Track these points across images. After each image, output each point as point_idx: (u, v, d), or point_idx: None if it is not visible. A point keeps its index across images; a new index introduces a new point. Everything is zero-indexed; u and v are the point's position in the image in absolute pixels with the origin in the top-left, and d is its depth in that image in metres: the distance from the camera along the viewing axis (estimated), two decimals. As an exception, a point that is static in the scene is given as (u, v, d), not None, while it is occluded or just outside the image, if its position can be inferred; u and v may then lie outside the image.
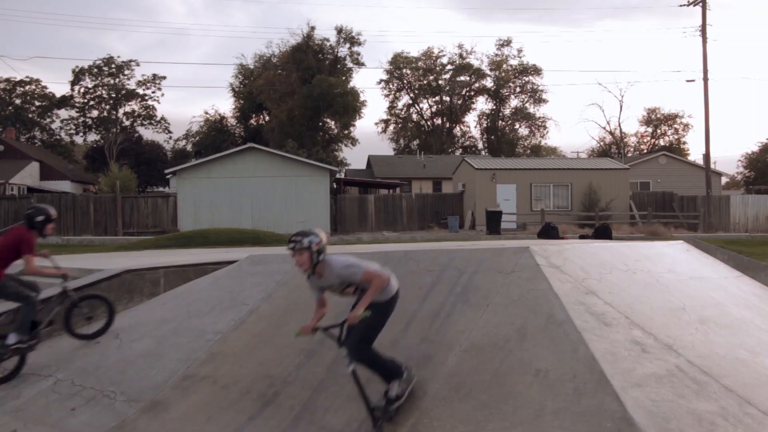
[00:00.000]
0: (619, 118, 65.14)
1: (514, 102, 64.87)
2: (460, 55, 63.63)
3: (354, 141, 57.35)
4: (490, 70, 63.30)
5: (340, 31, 55.79)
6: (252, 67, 58.98)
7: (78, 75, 58.11)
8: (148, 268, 8.69)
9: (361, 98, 54.21)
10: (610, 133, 62.94)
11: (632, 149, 62.47)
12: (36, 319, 6.67)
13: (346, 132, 56.34)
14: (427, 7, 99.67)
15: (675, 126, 62.65)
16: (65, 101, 59.05)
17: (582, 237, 19.34)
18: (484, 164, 33.47)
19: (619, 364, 4.74)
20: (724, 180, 46.11)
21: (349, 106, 52.14)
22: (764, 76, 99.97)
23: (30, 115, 59.85)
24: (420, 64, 63.53)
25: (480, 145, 65.07)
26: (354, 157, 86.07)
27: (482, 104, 67.75)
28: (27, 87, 59.41)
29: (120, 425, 5.33)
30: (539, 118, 64.17)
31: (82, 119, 59.80)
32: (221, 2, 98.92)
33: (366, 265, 4.78)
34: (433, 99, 64.85)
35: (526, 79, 63.56)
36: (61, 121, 60.69)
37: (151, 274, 8.62)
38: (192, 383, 5.73)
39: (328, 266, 4.73)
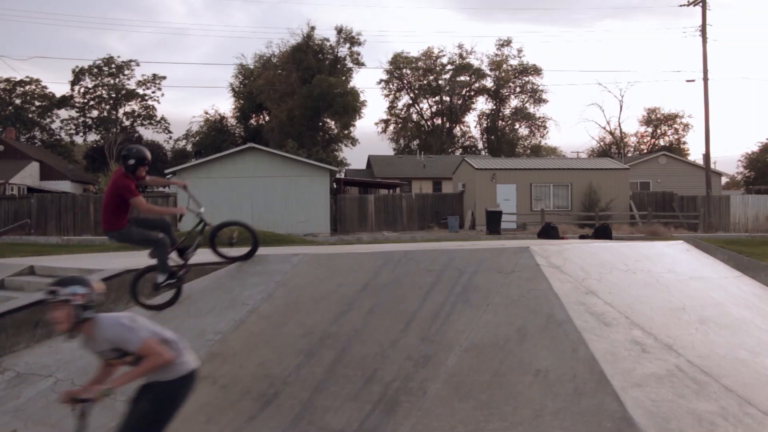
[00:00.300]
0: (619, 118, 65.15)
1: (514, 102, 64.93)
2: (460, 55, 63.66)
3: (354, 141, 57.40)
4: (490, 70, 63.32)
5: (340, 31, 55.84)
6: (252, 67, 59.03)
7: (78, 75, 58.16)
8: (148, 267, 8.67)
9: (361, 98, 54.29)
10: (610, 133, 62.99)
11: (632, 149, 62.49)
12: (181, 246, 7.08)
13: (346, 132, 56.36)
14: (427, 7, 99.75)
15: (675, 126, 62.69)
16: (65, 101, 59.09)
17: (582, 237, 19.33)
18: (484, 164, 33.47)
19: (619, 364, 4.74)
20: (724, 180, 46.12)
21: (349, 106, 52.15)
22: (764, 76, 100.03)
23: (30, 115, 59.87)
24: (420, 64, 63.53)
25: (480, 145, 65.08)
26: (354, 157, 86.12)
27: (482, 104, 67.85)
28: (27, 87, 59.44)
29: (120, 425, 5.33)
30: (539, 118, 64.23)
31: (82, 119, 59.86)
32: (221, 2, 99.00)
33: (149, 335, 3.69)
34: (433, 99, 64.86)
35: (526, 79, 63.59)
36: (61, 121, 60.79)
37: (151, 274, 8.60)
38: (192, 383, 5.72)
39: (98, 326, 3.64)
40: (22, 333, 7.24)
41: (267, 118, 57.55)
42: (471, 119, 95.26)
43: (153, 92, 60.86)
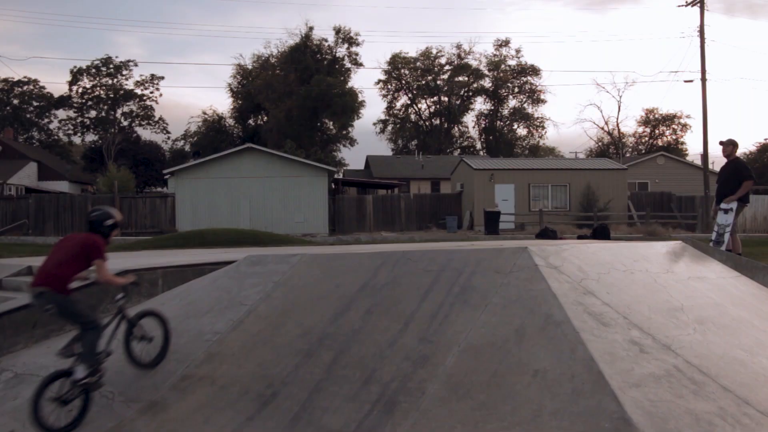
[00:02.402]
0: (617, 119, 65.32)
1: (512, 102, 65.04)
2: (459, 56, 63.71)
3: (352, 141, 57.44)
4: (489, 70, 63.38)
5: (338, 31, 55.84)
6: (250, 67, 59.05)
7: (76, 75, 58.10)
8: (146, 268, 8.66)
9: (360, 98, 54.29)
10: (608, 133, 63.08)
11: (630, 149, 62.56)
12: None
13: (344, 132, 56.38)
14: (427, 7, 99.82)
15: (673, 126, 62.81)
16: (63, 101, 59.03)
17: (580, 237, 19.35)
18: (483, 164, 33.49)
19: (617, 364, 4.74)
20: (722, 180, 46.11)
21: (348, 106, 52.16)
22: (762, 77, 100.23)
23: (28, 116, 59.88)
24: (418, 64, 63.57)
25: (478, 146, 65.17)
26: (352, 158, 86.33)
27: (480, 104, 67.96)
28: (25, 87, 59.41)
29: (118, 425, 5.32)
30: (537, 118, 64.35)
31: (80, 119, 59.83)
32: (221, 2, 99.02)
33: None
34: (432, 99, 64.91)
35: (525, 79, 63.67)
36: (59, 122, 60.84)
37: (149, 275, 8.59)
38: (190, 384, 5.73)
39: None
40: (20, 333, 7.23)
41: (265, 118, 57.53)
42: (469, 119, 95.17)
43: (151, 92, 60.91)
